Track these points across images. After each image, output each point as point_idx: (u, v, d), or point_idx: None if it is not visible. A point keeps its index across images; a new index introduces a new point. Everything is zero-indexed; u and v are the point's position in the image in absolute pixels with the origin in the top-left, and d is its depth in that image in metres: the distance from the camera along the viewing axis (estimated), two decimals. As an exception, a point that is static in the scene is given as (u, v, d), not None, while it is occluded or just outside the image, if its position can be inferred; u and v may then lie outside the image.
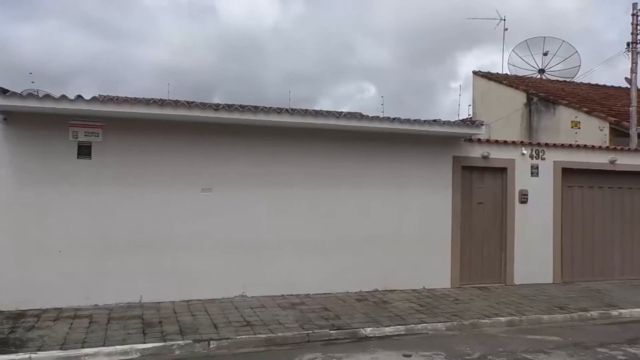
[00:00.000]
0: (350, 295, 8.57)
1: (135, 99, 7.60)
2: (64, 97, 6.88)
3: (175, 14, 52.61)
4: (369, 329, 6.64)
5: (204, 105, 7.69)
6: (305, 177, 8.67)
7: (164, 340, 5.90)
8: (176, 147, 8.02)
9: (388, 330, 6.69)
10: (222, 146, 8.25)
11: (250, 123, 8.01)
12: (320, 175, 8.75)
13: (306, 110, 8.26)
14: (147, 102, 7.37)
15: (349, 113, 9.65)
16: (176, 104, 7.51)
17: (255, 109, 7.81)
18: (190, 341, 5.92)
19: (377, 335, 6.58)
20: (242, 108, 7.80)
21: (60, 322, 6.59)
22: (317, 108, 10.44)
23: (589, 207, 10.71)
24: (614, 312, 7.95)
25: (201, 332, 6.26)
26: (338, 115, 8.31)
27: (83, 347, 5.59)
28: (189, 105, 7.57)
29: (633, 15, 12.88)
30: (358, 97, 51.44)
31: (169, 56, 47.15)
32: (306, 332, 6.40)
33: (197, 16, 53.10)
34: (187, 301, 7.85)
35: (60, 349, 5.53)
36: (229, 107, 7.79)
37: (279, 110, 7.90)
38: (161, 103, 7.45)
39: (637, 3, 12.95)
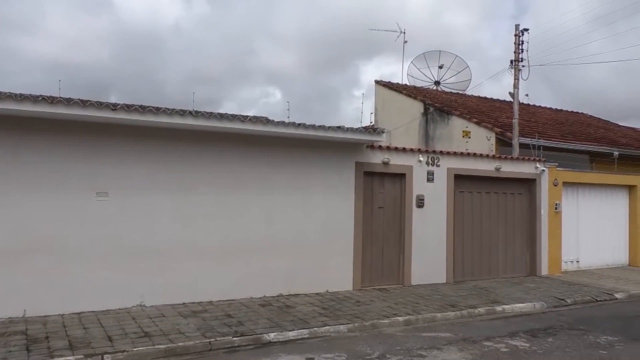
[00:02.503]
0: (254, 300, 8.52)
1: (22, 95, 6.98)
2: None
3: (67, 5, 49.11)
4: (273, 334, 6.64)
5: (100, 105, 7.24)
6: (209, 182, 8.49)
7: (51, 357, 5.47)
8: (68, 149, 7.50)
9: (292, 334, 6.73)
10: (120, 149, 7.84)
11: (152, 125, 7.69)
12: (225, 180, 8.62)
13: (211, 113, 8.09)
14: (35, 99, 6.80)
15: (255, 117, 9.59)
16: (69, 102, 6.99)
17: (157, 110, 7.51)
18: (82, 356, 5.53)
19: (281, 340, 6.60)
20: (143, 109, 7.46)
21: None
22: (221, 111, 10.26)
23: (477, 211, 11.57)
24: (499, 308, 8.65)
25: (94, 345, 5.88)
26: (243, 119, 8.23)
27: (-46, 370, 5.03)
28: (84, 103, 7.09)
29: (516, 35, 14.16)
30: (263, 102, 51.38)
31: (60, 50, 43.86)
32: (208, 340, 6.25)
33: (91, 9, 49.92)
34: (79, 313, 7.34)
35: None
36: (128, 108, 7.41)
37: (182, 112, 7.66)
38: (52, 101, 6.90)
39: (519, 24, 14.27)
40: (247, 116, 8.40)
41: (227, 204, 8.62)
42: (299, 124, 8.62)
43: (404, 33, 19.86)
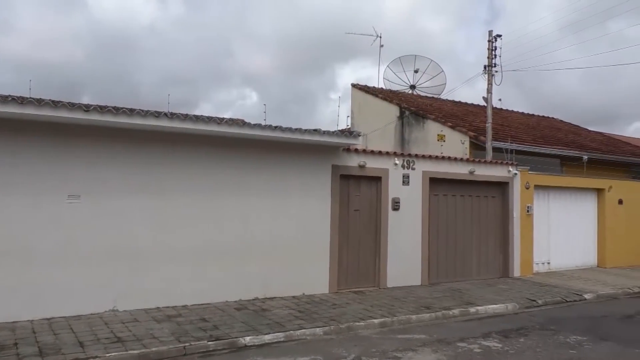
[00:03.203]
0: (229, 304, 8.45)
1: (-11, 95, 6.79)
2: None
3: (38, 3, 48.04)
4: (249, 337, 6.60)
5: (72, 106, 7.09)
6: (185, 184, 8.40)
7: (20, 364, 5.33)
8: (38, 151, 7.34)
9: (267, 337, 6.71)
10: (93, 151, 7.71)
11: (126, 126, 7.58)
12: (201, 183, 8.55)
13: (186, 114, 8.02)
14: (5, 99, 6.63)
15: (231, 120, 9.55)
16: (40, 102, 6.83)
17: (131, 112, 7.40)
18: (52, 363, 5.41)
19: (257, 343, 6.57)
20: (116, 110, 7.34)
21: None
22: (197, 113, 10.17)
23: (452, 214, 11.73)
24: (472, 309, 8.78)
25: (65, 352, 5.75)
26: (219, 121, 8.17)
27: None
28: (55, 104, 6.94)
29: (489, 41, 14.42)
30: (240, 104, 51.16)
31: (30, 49, 42.86)
32: (183, 344, 6.19)
33: (64, 8, 49.00)
34: (49, 319, 7.17)
35: None
36: (101, 109, 7.29)
37: (157, 114, 7.57)
38: (21, 101, 6.74)
39: (492, 31, 14.54)
40: (223, 118, 8.36)
41: (203, 207, 8.55)
42: (276, 127, 8.61)
43: (380, 37, 19.99)
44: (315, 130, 9.00)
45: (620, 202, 14.96)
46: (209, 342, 6.34)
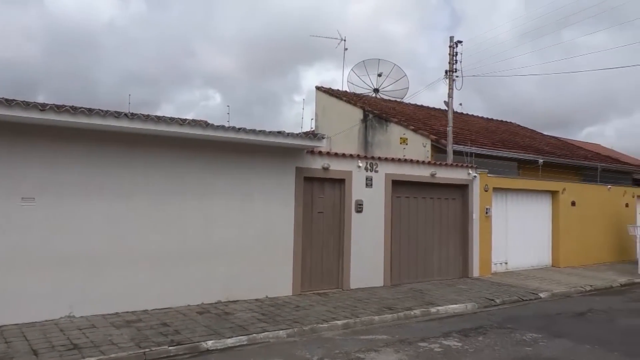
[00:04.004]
0: (191, 308, 8.33)
1: (-63, 92, 6.47)
2: None
3: (-9, -3, 46.09)
4: (211, 341, 6.52)
5: (26, 105, 6.84)
6: (145, 186, 8.23)
7: (-31, 374, 5.10)
8: (-10, 151, 7.04)
9: (230, 341, 6.64)
10: (49, 151, 7.46)
11: (84, 127, 7.37)
12: (163, 185, 8.39)
13: (147, 115, 7.86)
14: (-47, 97, 6.34)
15: (194, 121, 9.42)
16: (-9, 101, 6.56)
17: (90, 112, 7.20)
18: (4, 372, 5.21)
19: (219, 347, 6.50)
20: (74, 110, 7.13)
21: None
22: (159, 113, 9.99)
23: (414, 216, 11.92)
24: (433, 309, 8.94)
25: (17, 360, 5.54)
26: (182, 122, 8.05)
27: None
28: (8, 103, 6.68)
29: (450, 47, 14.76)
30: (203, 105, 50.54)
31: (-19, 44, 41.07)
32: (143, 350, 6.05)
33: (18, 2, 47.20)
34: (0, 327, 6.87)
35: None
36: (58, 108, 7.06)
37: (117, 114, 7.40)
38: (-29, 99, 6.46)
39: (453, 37, 14.88)
40: (185, 119, 8.25)
41: (164, 210, 8.40)
42: (239, 129, 8.55)
43: (345, 40, 20.14)
44: (279, 132, 8.99)
45: (573, 203, 15.56)
46: (170, 347, 6.23)
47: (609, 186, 16.94)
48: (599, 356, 6.63)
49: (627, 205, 17.41)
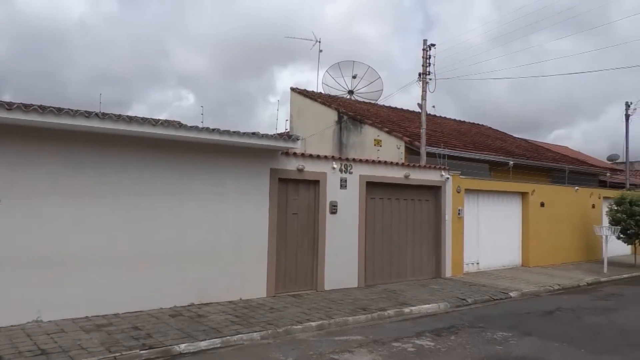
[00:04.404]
0: (164, 311, 8.22)
1: None
2: None
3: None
4: (184, 345, 6.45)
5: (-8, 104, 6.66)
6: (117, 187, 8.08)
7: None
8: (-47, 151, 6.81)
9: (203, 344, 6.58)
10: (16, 152, 7.25)
11: (54, 127, 7.20)
12: (135, 186, 8.26)
13: (119, 115, 7.72)
14: None
15: (166, 121, 9.31)
16: (-46, 99, 6.36)
17: (59, 111, 7.04)
18: (-33, 379, 5.04)
19: (192, 350, 6.43)
20: (43, 109, 6.96)
21: None
22: (131, 113, 9.84)
23: (388, 217, 12.02)
24: (406, 310, 9.03)
25: (-18, 367, 5.38)
26: (154, 122, 7.94)
27: None
28: (-28, 102, 6.49)
29: (423, 50, 14.94)
30: (176, 105, 49.95)
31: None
32: (113, 355, 5.95)
33: (-16, -2, 45.80)
34: (-36, 332, 6.67)
35: None
36: (26, 107, 6.88)
37: (88, 114, 7.25)
38: None
39: (427, 40, 15.07)
40: (158, 120, 8.14)
41: (136, 211, 8.27)
42: (213, 129, 8.47)
43: (320, 42, 20.20)
44: (253, 133, 8.95)
45: (542, 204, 15.93)
46: (142, 351, 6.13)
47: (577, 188, 17.40)
48: (566, 353, 6.80)
49: (593, 206, 17.92)
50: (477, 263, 14.27)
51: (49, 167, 7.51)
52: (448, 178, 13.10)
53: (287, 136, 9.54)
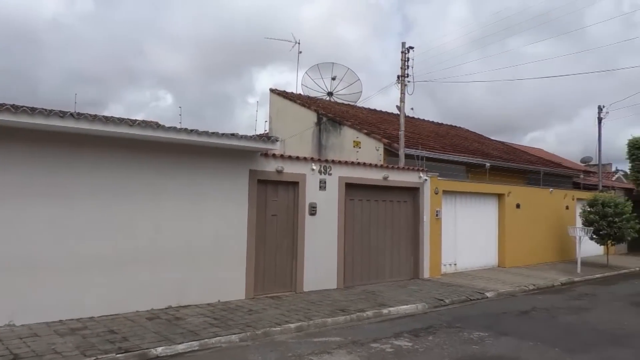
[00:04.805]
0: (140, 314, 8.11)
1: None
2: None
3: None
4: (160, 348, 6.37)
5: (-38, 103, 6.50)
6: (92, 189, 7.95)
7: None
8: None
9: (181, 347, 6.51)
10: (-13, 151, 7.08)
11: (27, 127, 7.05)
12: (111, 187, 8.13)
13: (95, 115, 7.61)
14: None
15: (144, 122, 9.20)
16: None
17: (32, 111, 6.89)
18: None
19: (169, 353, 6.36)
20: (16, 109, 6.81)
21: None
22: (107, 114, 9.70)
23: (367, 218, 12.08)
24: (385, 311, 9.09)
25: (-49, 373, 5.23)
26: (132, 123, 7.83)
27: None
28: (-58, 101, 6.32)
29: (402, 52, 15.06)
30: (153, 105, 49.38)
31: None
32: (88, 359, 5.85)
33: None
34: None
35: None
36: (-2, 107, 6.73)
37: (62, 114, 7.12)
38: None
39: (405, 42, 15.20)
40: (135, 120, 8.04)
41: (113, 213, 8.14)
42: (192, 130, 8.40)
43: (299, 43, 20.22)
44: (232, 134, 8.90)
45: (518, 206, 16.20)
46: (118, 355, 6.04)
47: (551, 189, 17.75)
48: (541, 352, 6.93)
49: (567, 207, 18.30)
50: (455, 264, 14.43)
51: (22, 168, 7.35)
52: (426, 180, 13.22)
53: (266, 137, 9.51)
